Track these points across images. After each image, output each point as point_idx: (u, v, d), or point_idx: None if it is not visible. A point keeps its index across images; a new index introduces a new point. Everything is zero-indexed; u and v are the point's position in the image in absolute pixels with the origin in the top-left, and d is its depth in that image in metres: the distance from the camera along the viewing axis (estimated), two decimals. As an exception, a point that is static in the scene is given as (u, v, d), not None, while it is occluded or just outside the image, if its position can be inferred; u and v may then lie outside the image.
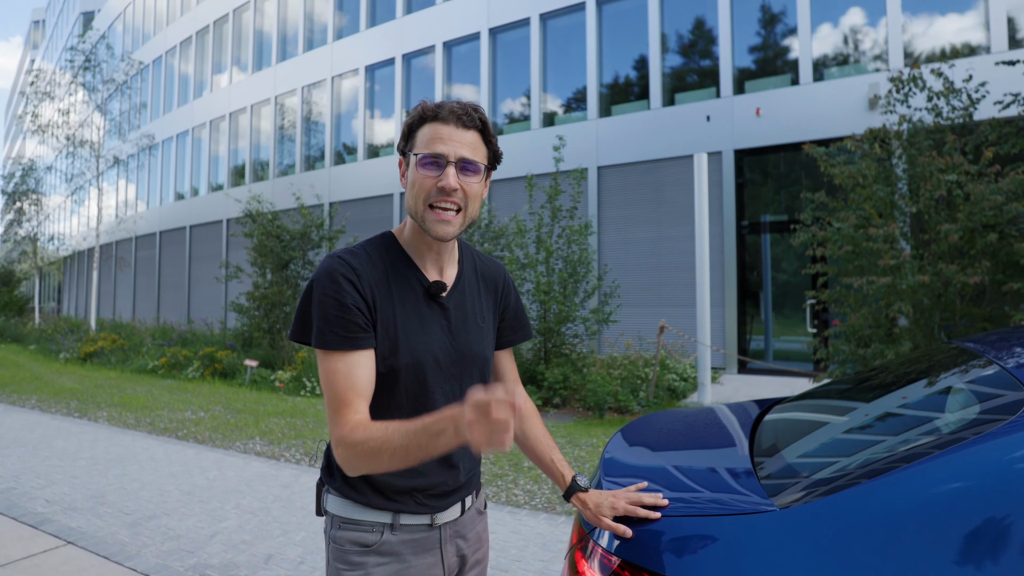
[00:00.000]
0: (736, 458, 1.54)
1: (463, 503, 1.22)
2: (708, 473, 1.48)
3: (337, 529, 1.13)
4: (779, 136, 9.99)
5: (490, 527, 3.45)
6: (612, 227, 11.54)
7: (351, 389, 1.03)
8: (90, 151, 16.53)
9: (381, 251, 1.14)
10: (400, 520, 1.13)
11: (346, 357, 1.04)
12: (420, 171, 1.07)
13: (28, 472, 4.60)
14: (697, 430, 1.91)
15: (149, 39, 24.60)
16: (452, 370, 1.15)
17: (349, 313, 1.05)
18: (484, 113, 1.13)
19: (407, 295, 1.12)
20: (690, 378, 8.27)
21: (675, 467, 1.55)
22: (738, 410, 2.05)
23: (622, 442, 1.85)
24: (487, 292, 1.26)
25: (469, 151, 1.08)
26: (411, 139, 1.11)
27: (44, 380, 9.59)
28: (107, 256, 25.21)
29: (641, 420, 2.03)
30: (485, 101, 13.32)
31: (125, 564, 3.01)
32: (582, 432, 5.80)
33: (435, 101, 1.10)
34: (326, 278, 1.07)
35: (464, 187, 1.07)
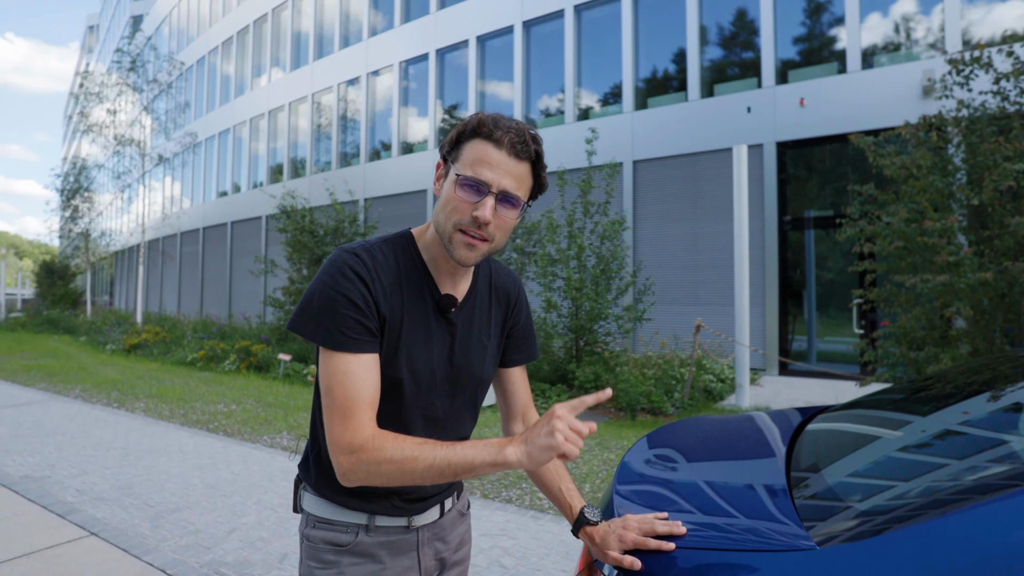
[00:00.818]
0: (771, 476, 1.37)
1: (442, 505, 1.18)
2: (737, 492, 1.31)
3: (312, 528, 1.10)
4: (824, 127, 9.54)
5: (512, 532, 3.34)
6: (647, 223, 11.26)
7: (363, 395, 0.97)
8: (137, 150, 17.07)
9: (398, 253, 1.07)
10: (376, 521, 1.09)
11: (357, 359, 0.98)
12: (458, 192, 0.99)
13: (63, 461, 4.69)
14: (730, 440, 1.74)
15: (193, 40, 25.31)
16: (444, 387, 1.10)
17: (361, 314, 0.99)
18: (541, 144, 1.03)
19: (416, 305, 1.06)
20: (728, 379, 7.97)
21: (699, 482, 1.39)
22: (779, 419, 1.87)
23: (645, 448, 1.70)
24: (498, 306, 1.19)
25: (514, 184, 0.99)
26: (457, 149, 1.02)
27: (89, 371, 9.91)
28: (154, 251, 26.10)
29: (671, 426, 1.86)
30: (518, 96, 13.17)
31: (143, 558, 3.00)
32: (613, 434, 5.61)
33: (493, 114, 1.00)
34: (339, 273, 1.00)
35: (499, 220, 1.00)
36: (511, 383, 1.26)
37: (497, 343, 1.19)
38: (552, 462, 1.18)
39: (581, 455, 4.84)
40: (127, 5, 34.85)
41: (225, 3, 22.90)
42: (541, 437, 0.87)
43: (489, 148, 0.98)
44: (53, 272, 29.51)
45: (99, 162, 21.56)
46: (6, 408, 6.80)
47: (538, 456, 0.88)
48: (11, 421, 6.12)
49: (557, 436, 0.86)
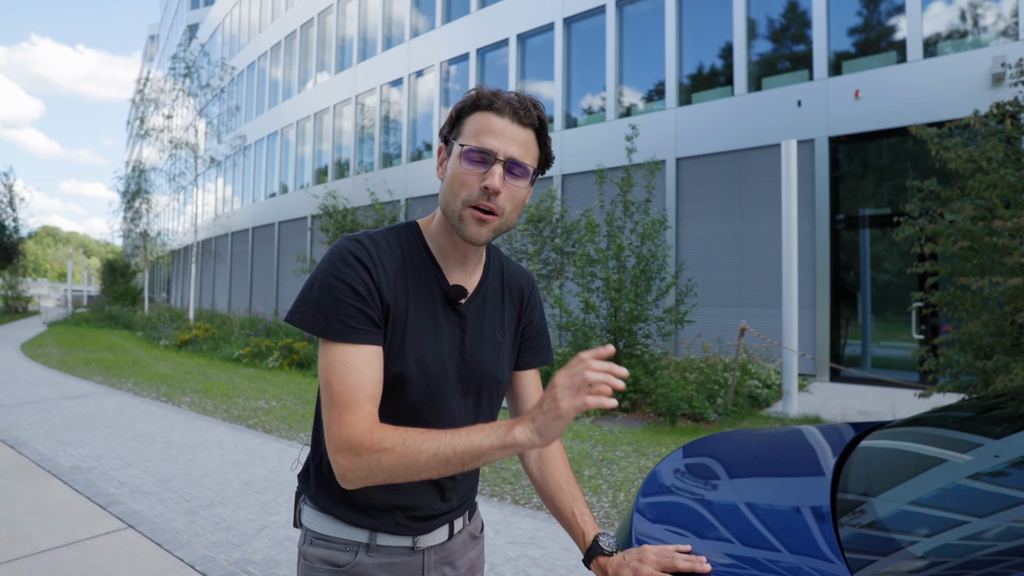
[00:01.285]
0: (813, 501, 1.23)
1: (451, 526, 1.08)
2: (773, 519, 1.17)
3: (308, 544, 1.02)
4: (881, 120, 9.04)
5: (541, 541, 3.23)
6: (691, 222, 10.94)
7: (362, 388, 0.89)
8: (191, 153, 17.73)
9: (403, 242, 1.01)
10: (377, 540, 1.00)
11: (358, 350, 0.91)
12: (463, 165, 0.94)
13: (110, 453, 4.84)
14: (773, 456, 1.59)
15: (244, 47, 26.15)
16: (457, 386, 1.01)
17: (363, 302, 0.92)
18: (543, 111, 0.98)
19: (423, 295, 0.99)
20: (774, 385, 7.64)
21: (732, 504, 1.26)
22: (829, 434, 1.70)
23: (679, 460, 1.57)
24: (511, 303, 1.11)
25: (521, 151, 0.94)
26: (458, 126, 0.97)
27: (142, 365, 10.31)
28: (206, 251, 27.08)
29: (711, 438, 1.72)
30: (559, 94, 13.03)
31: (175, 553, 3.03)
32: (651, 440, 5.43)
33: (492, 88, 0.96)
34: (340, 260, 0.93)
35: (509, 190, 0.94)
36: (523, 387, 1.16)
37: (512, 342, 1.11)
38: (568, 483, 1.08)
39: (616, 461, 4.69)
40: (184, 15, 36.36)
41: (274, 9, 23.56)
42: (546, 405, 0.81)
43: (491, 117, 0.93)
44: (115, 270, 31.04)
45: (156, 165, 22.53)
46: (64, 400, 7.11)
47: (549, 430, 0.81)
48: (67, 412, 6.38)
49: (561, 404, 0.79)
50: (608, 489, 4.06)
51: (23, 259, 26.92)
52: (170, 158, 18.29)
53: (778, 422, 6.28)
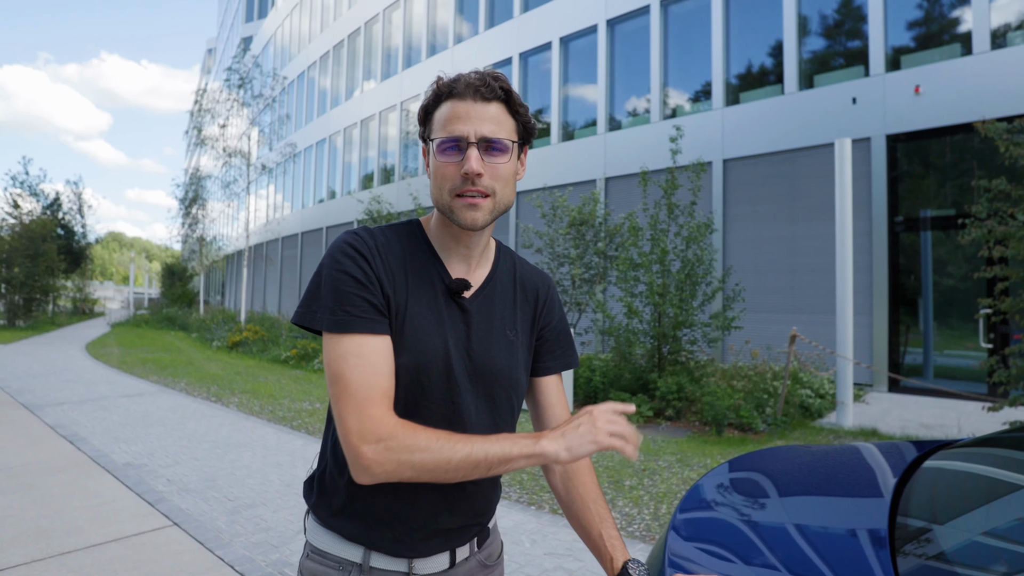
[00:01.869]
0: (870, 524, 1.12)
1: (453, 554, 1.00)
2: (825, 543, 1.07)
3: (306, 558, 0.99)
4: (943, 117, 8.55)
5: (579, 553, 3.14)
6: (739, 225, 10.61)
7: (380, 379, 0.86)
8: (243, 160, 18.38)
9: (403, 236, 0.99)
10: (371, 561, 0.95)
11: (367, 341, 0.87)
12: (440, 158, 0.92)
13: (160, 451, 5.01)
14: (826, 475, 1.47)
15: (294, 57, 27.00)
16: (467, 384, 0.96)
17: (365, 291, 0.89)
18: (507, 81, 0.94)
19: (423, 288, 0.95)
20: (827, 395, 7.30)
21: (777, 525, 1.16)
22: (890, 453, 1.57)
23: (725, 475, 1.47)
24: (525, 302, 1.06)
25: (492, 127, 0.90)
26: (428, 123, 0.95)
27: (195, 365, 10.70)
28: (258, 255, 28.01)
29: (761, 452, 1.62)
30: (603, 96, 12.89)
31: (215, 552, 3.08)
32: (695, 450, 5.26)
33: (452, 75, 0.94)
34: (339, 253, 0.92)
35: (491, 170, 0.91)
36: (545, 394, 1.09)
37: (527, 343, 1.05)
38: (595, 502, 1.00)
39: (658, 471, 4.55)
40: (239, 28, 37.85)
41: (323, 20, 24.24)
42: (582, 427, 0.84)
43: (455, 104, 0.91)
44: (174, 273, 32.48)
45: (212, 173, 23.46)
46: (121, 398, 7.43)
47: (579, 448, 0.83)
48: (123, 410, 6.66)
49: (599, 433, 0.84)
50: (649, 501, 3.93)
51: (91, 263, 28.47)
52: (224, 166, 19.01)
53: (832, 434, 5.98)
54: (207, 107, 19.08)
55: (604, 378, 7.26)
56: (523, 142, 0.97)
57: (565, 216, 9.50)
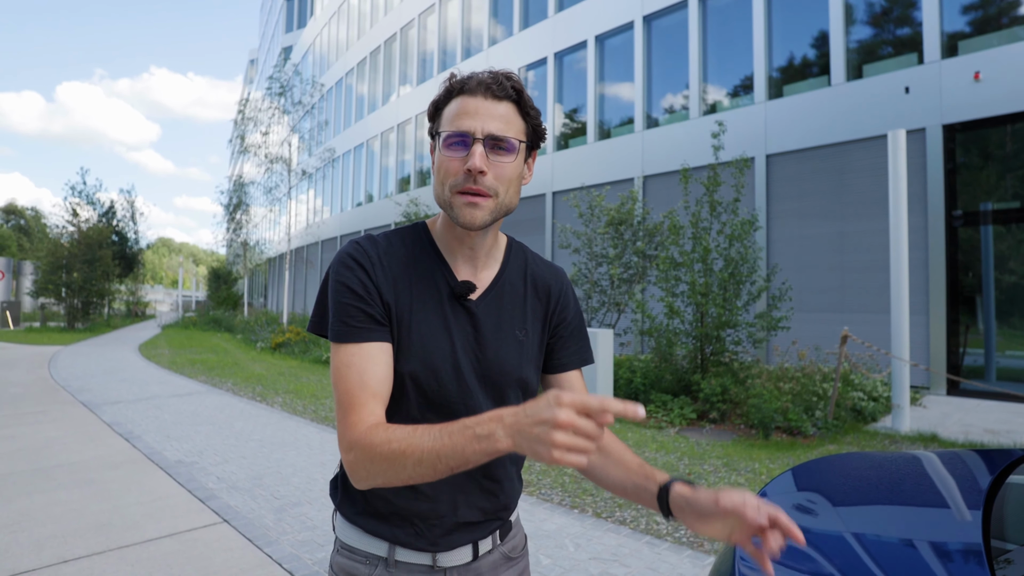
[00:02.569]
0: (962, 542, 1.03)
1: (476, 546, 1.00)
2: (916, 561, 0.99)
3: (336, 553, 1.03)
4: (1005, 104, 8.11)
5: (624, 559, 3.06)
6: (784, 221, 10.30)
7: (365, 386, 0.88)
8: (284, 166, 18.83)
9: (407, 241, 1.00)
10: (396, 555, 0.97)
11: (359, 349, 0.89)
12: (445, 152, 0.91)
13: (210, 449, 5.14)
14: (900, 485, 1.38)
15: (332, 65, 27.54)
16: (477, 387, 0.96)
17: (362, 301, 0.91)
18: (520, 81, 0.94)
19: (429, 293, 0.96)
20: (881, 398, 7.00)
21: (865, 541, 1.08)
22: (955, 464, 1.46)
23: (790, 485, 1.39)
24: (536, 299, 1.04)
25: (500, 125, 0.90)
26: (437, 118, 0.96)
27: (240, 366, 10.98)
28: (299, 258, 28.66)
29: (825, 461, 1.53)
30: (640, 94, 12.71)
31: (264, 549, 3.12)
32: (742, 454, 5.10)
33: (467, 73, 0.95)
34: (339, 264, 0.94)
35: (496, 169, 0.90)
36: (567, 390, 1.05)
37: (538, 341, 1.04)
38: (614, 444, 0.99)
39: (704, 476, 4.42)
40: (279, 38, 38.86)
41: (360, 27, 24.66)
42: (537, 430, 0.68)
43: (466, 100, 0.91)
44: (219, 277, 33.52)
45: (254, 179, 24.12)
46: (172, 398, 7.67)
47: (529, 451, 0.70)
48: (174, 409, 6.87)
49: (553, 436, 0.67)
50: (697, 505, 3.81)
51: (143, 268, 29.64)
52: (266, 172, 19.51)
53: (887, 439, 5.72)
54: (250, 116, 19.63)
55: (645, 379, 7.13)
56: (532, 145, 0.96)
57: (603, 216, 9.39)
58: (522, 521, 3.55)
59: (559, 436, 0.66)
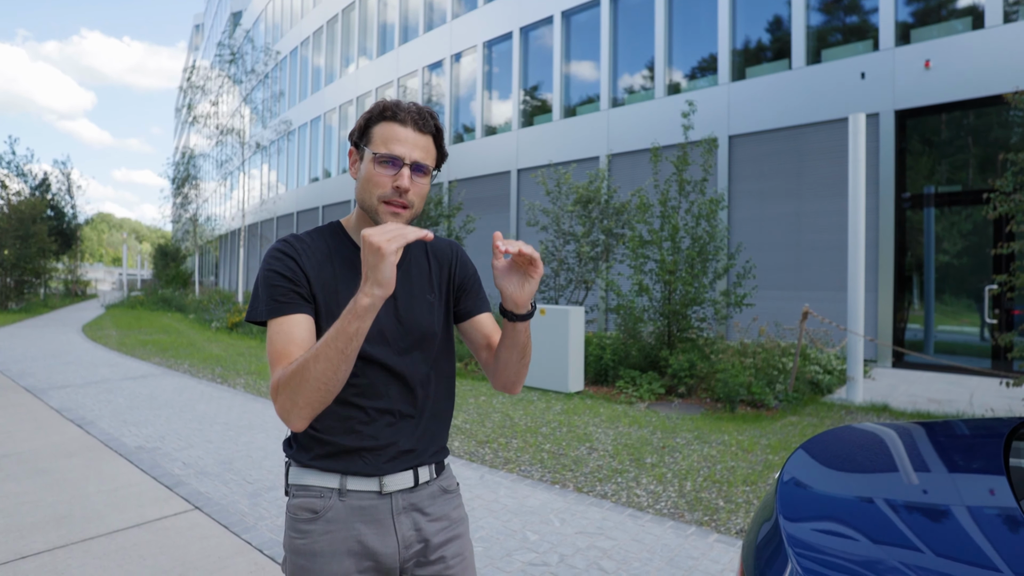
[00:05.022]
0: (995, 504, 1.06)
1: (416, 472, 1.17)
2: (956, 526, 1.00)
3: (292, 498, 1.15)
4: (953, 92, 8.45)
5: (609, 532, 3.11)
6: (745, 202, 10.53)
7: (289, 343, 1.04)
8: (237, 138, 18.04)
9: (326, 236, 1.18)
10: (347, 484, 1.12)
11: (287, 320, 1.06)
12: (376, 168, 1.10)
13: (172, 434, 4.93)
14: (918, 454, 1.41)
15: (286, 33, 26.38)
16: (401, 345, 1.16)
17: (290, 283, 1.08)
18: (438, 119, 1.17)
19: (349, 273, 1.14)
20: (835, 371, 7.30)
21: (898, 512, 1.09)
22: (974, 429, 1.51)
23: (809, 462, 1.40)
24: (439, 267, 1.27)
25: (423, 155, 1.12)
26: (367, 134, 1.13)
27: (196, 347, 10.58)
28: (253, 235, 27.69)
29: (829, 435, 1.55)
30: (605, 72, 12.67)
31: (242, 536, 3.02)
32: (711, 427, 5.24)
33: (393, 100, 1.14)
34: (270, 256, 1.12)
35: (415, 187, 1.12)
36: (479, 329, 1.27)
37: (444, 300, 1.25)
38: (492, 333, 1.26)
39: (678, 448, 4.53)
40: (228, 2, 36.89)
41: (315, -6, 23.64)
42: (369, 258, 0.93)
43: (396, 127, 1.10)
44: (167, 255, 32.09)
45: (204, 152, 23.03)
46: (125, 380, 7.33)
47: (379, 275, 0.93)
48: (129, 393, 6.57)
49: (372, 238, 0.91)
50: (673, 478, 3.90)
51: (81, 244, 28.07)
52: (217, 144, 18.66)
53: (843, 410, 5.99)
54: (198, 84, 18.65)
55: (615, 356, 7.22)
56: (437, 167, 1.18)
57: (571, 193, 9.38)
58: (506, 499, 3.56)
59: (376, 239, 0.91)
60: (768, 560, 1.05)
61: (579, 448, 4.58)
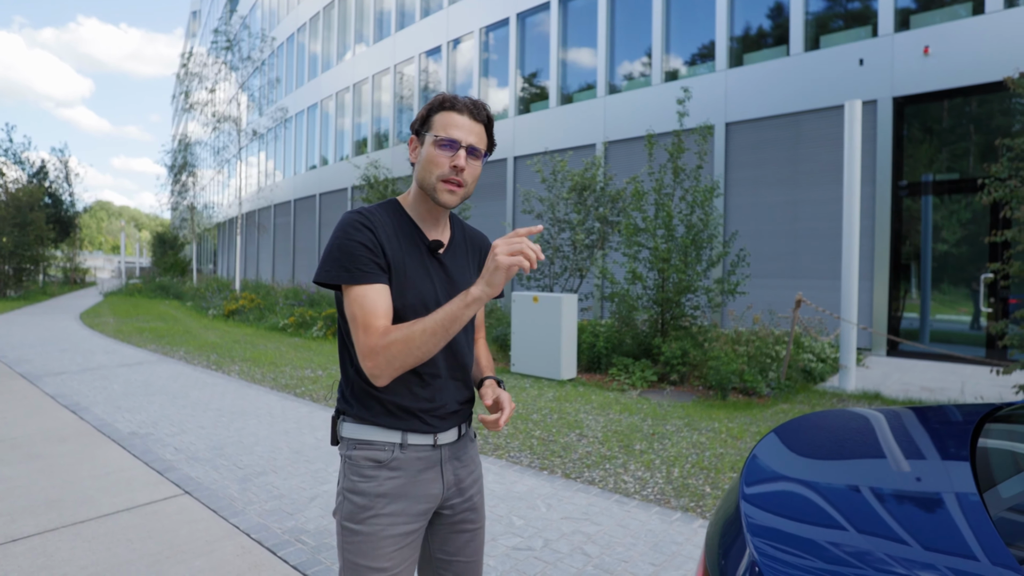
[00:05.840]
0: (955, 491, 1.07)
1: (460, 428, 1.38)
2: (914, 513, 1.01)
3: (353, 449, 1.29)
4: (952, 78, 8.39)
5: (595, 517, 3.14)
6: (741, 189, 10.50)
7: (377, 309, 1.20)
8: (233, 126, 17.94)
9: (390, 212, 1.33)
10: (408, 440, 1.29)
11: (371, 288, 1.21)
12: (436, 151, 1.26)
13: (165, 420, 4.96)
14: (888, 440, 1.42)
15: (282, 19, 26.14)
16: None
17: (371, 254, 1.23)
18: (489, 110, 1.33)
19: (412, 248, 1.30)
20: (829, 359, 7.32)
21: (860, 498, 1.10)
22: (945, 416, 1.52)
23: (779, 447, 1.41)
24: (473, 254, 1.45)
25: (477, 140, 1.28)
26: (428, 122, 1.30)
27: (192, 334, 10.60)
28: (250, 223, 27.63)
29: (803, 420, 1.56)
30: (603, 58, 12.57)
31: (230, 520, 3.05)
32: (702, 414, 5.26)
33: (452, 93, 1.30)
34: (348, 226, 1.24)
35: (470, 168, 1.28)
36: (479, 316, 1.54)
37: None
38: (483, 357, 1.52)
39: (667, 436, 4.55)
40: (224, -12, 36.48)
41: (311, -21, 23.38)
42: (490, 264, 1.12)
43: (454, 115, 1.27)
44: (165, 242, 32.06)
45: (201, 139, 22.92)
46: (121, 367, 7.35)
47: (494, 280, 1.12)
48: (124, 379, 6.59)
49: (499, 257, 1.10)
50: (661, 464, 3.93)
51: (79, 232, 28.02)
52: (214, 132, 18.55)
53: (835, 398, 6.01)
54: (194, 71, 18.51)
55: (608, 343, 7.24)
56: (488, 152, 1.34)
57: (567, 181, 9.35)
58: (494, 484, 3.58)
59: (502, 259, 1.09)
60: (729, 543, 1.05)
61: (569, 435, 4.60)
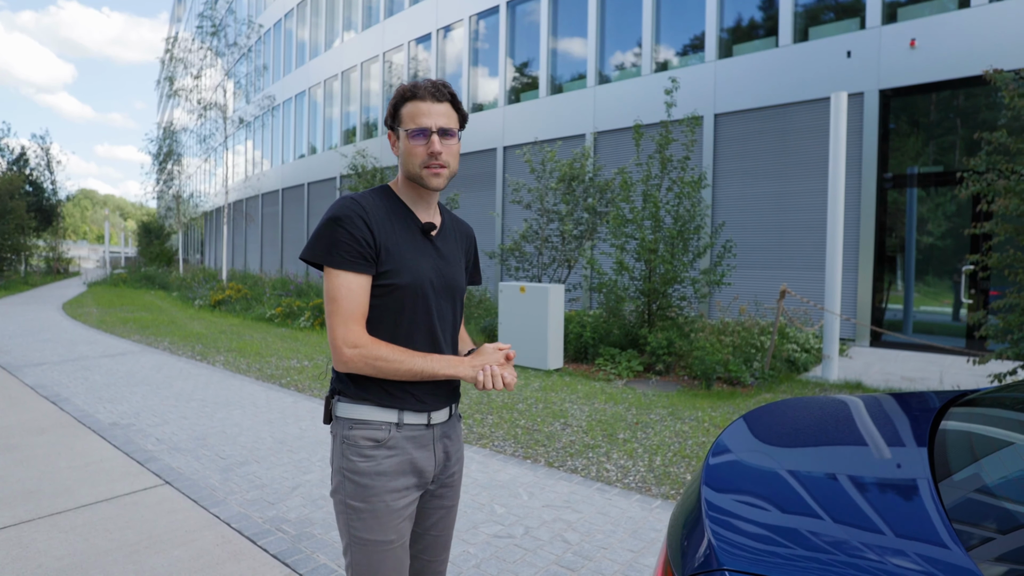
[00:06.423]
0: (910, 477, 1.08)
1: (451, 408, 1.46)
2: (869, 498, 1.03)
3: (350, 429, 1.35)
4: (939, 71, 8.44)
5: (576, 505, 3.16)
6: (729, 180, 10.53)
7: (359, 306, 1.30)
8: (219, 114, 17.70)
9: (383, 197, 1.39)
10: (404, 419, 1.36)
11: (355, 278, 1.29)
12: (411, 142, 1.33)
13: (147, 410, 4.92)
14: (851, 426, 1.43)
15: (269, 5, 25.76)
16: (444, 293, 1.42)
17: (358, 244, 1.29)
18: (452, 87, 1.38)
19: (405, 231, 1.37)
20: (813, 349, 7.39)
21: (817, 483, 1.11)
22: (910, 403, 1.54)
23: (744, 433, 1.43)
24: (461, 239, 1.55)
25: (446, 120, 1.34)
26: (397, 116, 1.36)
27: (178, 324, 10.51)
28: (238, 212, 27.36)
29: (772, 407, 1.57)
30: (592, 48, 12.51)
31: (211, 510, 3.04)
32: (686, 404, 5.30)
33: (411, 82, 1.36)
34: (341, 213, 1.30)
35: (447, 149, 1.34)
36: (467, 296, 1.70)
37: (464, 266, 1.54)
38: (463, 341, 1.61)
39: (651, 424, 4.58)
40: (209, -28, 35.86)
41: (299, -36, 23.03)
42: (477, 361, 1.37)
43: (417, 104, 1.33)
44: (151, 232, 31.71)
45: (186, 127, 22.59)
46: (103, 358, 7.28)
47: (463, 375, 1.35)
48: (106, 370, 6.53)
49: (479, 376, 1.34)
50: (644, 453, 3.96)
51: (62, 221, 27.62)
52: (200, 119, 18.30)
53: (818, 387, 6.08)
54: (179, 57, 18.22)
55: (595, 334, 7.26)
56: (461, 126, 1.40)
57: (555, 171, 9.33)
58: (477, 473, 3.60)
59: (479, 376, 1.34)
60: (690, 528, 1.06)
61: (553, 424, 4.62)
